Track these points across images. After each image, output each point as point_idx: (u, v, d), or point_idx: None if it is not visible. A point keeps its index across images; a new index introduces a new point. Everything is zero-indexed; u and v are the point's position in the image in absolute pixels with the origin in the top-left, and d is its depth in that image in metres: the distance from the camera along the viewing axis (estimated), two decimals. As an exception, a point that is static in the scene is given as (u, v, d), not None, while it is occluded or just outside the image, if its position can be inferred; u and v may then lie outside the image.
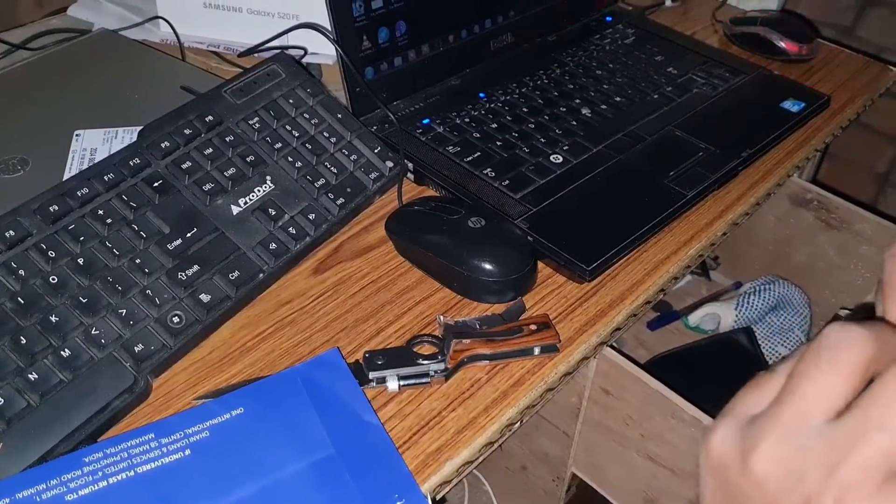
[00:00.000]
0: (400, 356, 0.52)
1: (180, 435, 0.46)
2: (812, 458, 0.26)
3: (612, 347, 0.65)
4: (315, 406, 0.48)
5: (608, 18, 0.90)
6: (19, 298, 0.49)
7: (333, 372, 0.51)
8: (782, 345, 0.94)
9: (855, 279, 0.91)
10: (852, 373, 0.27)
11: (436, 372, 0.51)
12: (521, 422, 0.53)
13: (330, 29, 0.67)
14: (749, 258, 1.01)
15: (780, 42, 0.87)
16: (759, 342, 0.94)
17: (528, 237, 0.60)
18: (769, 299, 0.95)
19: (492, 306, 0.57)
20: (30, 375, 0.47)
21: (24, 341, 0.48)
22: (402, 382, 0.51)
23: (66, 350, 0.49)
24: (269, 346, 0.54)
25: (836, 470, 0.26)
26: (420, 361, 0.51)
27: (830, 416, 0.27)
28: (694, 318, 1.00)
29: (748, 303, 0.96)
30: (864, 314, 0.30)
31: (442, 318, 0.55)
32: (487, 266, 0.56)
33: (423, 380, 0.51)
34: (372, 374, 0.51)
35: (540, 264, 0.60)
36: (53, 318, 0.49)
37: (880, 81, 0.87)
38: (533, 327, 0.54)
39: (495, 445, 0.52)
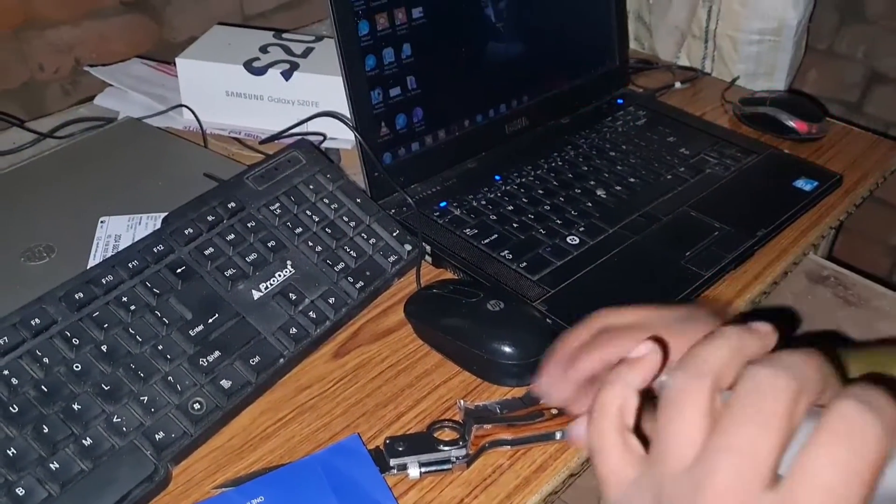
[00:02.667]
0: (421, 442, 0.52)
1: (200, 526, 0.46)
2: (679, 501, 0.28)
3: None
4: (336, 494, 0.48)
5: (620, 101, 0.93)
6: (43, 386, 0.50)
7: (354, 459, 0.50)
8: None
9: (876, 356, 0.90)
10: (700, 416, 0.28)
11: (457, 458, 0.51)
12: (544, 508, 0.52)
13: (349, 116, 0.69)
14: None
15: (789, 122, 0.88)
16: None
17: (547, 319, 0.60)
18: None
19: (512, 389, 0.57)
20: (51, 465, 0.47)
21: (46, 430, 0.48)
22: (423, 469, 0.50)
23: (87, 439, 0.49)
24: (289, 433, 0.54)
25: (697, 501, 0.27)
26: (441, 447, 0.51)
27: (688, 460, 0.28)
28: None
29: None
30: None
31: (462, 402, 0.55)
32: (507, 349, 0.56)
33: (445, 466, 0.51)
34: (393, 461, 0.50)
35: (559, 346, 0.60)
36: (76, 407, 0.50)
37: (891, 159, 0.88)
38: (554, 411, 0.54)
39: (518, 533, 0.51)
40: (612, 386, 0.31)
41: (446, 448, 0.51)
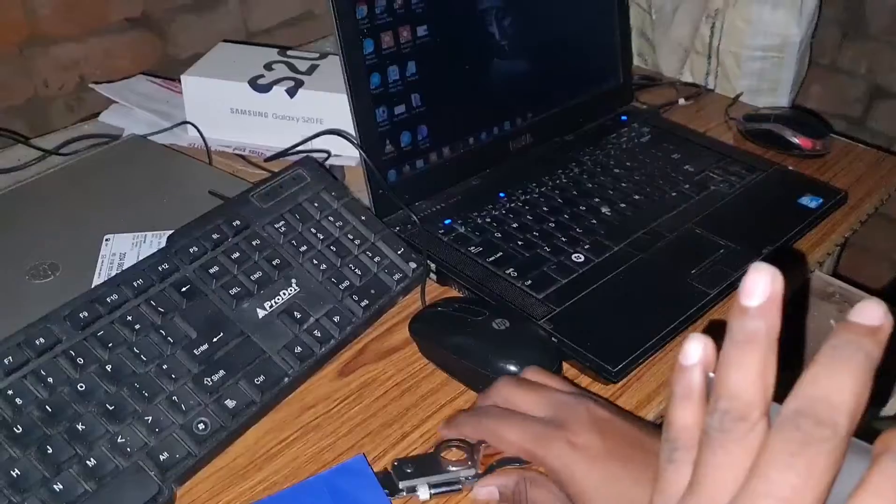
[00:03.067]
0: (429, 463, 0.51)
1: (205, 548, 0.45)
2: None
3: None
4: (341, 516, 0.48)
5: (623, 118, 0.93)
6: (47, 406, 0.50)
7: (360, 480, 0.50)
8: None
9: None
10: (744, 455, 0.26)
11: (467, 478, 0.50)
12: (551, 530, 0.51)
13: (354, 134, 0.69)
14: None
15: (794, 138, 0.88)
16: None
17: (553, 338, 0.60)
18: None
19: (518, 409, 0.57)
20: (55, 486, 0.47)
21: (50, 451, 0.48)
22: (432, 491, 0.50)
23: (91, 459, 0.48)
24: (293, 452, 0.54)
25: None
26: (450, 468, 0.51)
27: (726, 499, 0.26)
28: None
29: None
30: None
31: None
32: (513, 368, 0.56)
33: (454, 487, 0.50)
34: (402, 484, 0.50)
35: (565, 365, 0.60)
36: (80, 427, 0.49)
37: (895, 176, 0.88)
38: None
39: (525, 555, 0.50)
40: (685, 402, 0.29)
41: (455, 468, 0.51)
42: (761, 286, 0.28)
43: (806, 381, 0.26)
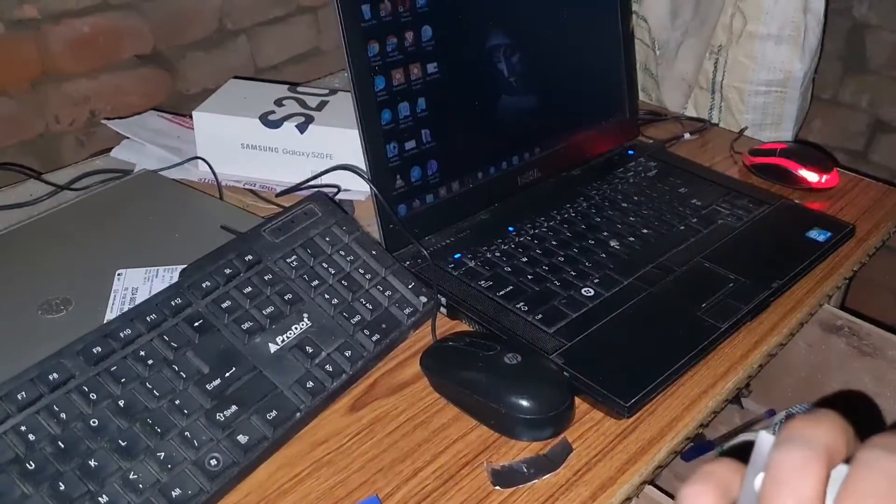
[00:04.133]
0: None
1: (218, 586, 0.45)
2: None
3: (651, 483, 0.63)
4: (355, 554, 0.47)
5: (630, 152, 0.93)
6: (60, 442, 0.49)
7: (373, 517, 0.50)
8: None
9: (892, 406, 0.89)
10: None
11: None
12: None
13: (365, 170, 0.70)
14: (782, 386, 0.99)
15: (800, 172, 0.89)
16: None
17: (565, 373, 0.60)
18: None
19: (535, 445, 0.56)
20: (67, 523, 0.46)
21: (62, 488, 0.48)
22: None
23: (103, 496, 0.48)
24: (305, 489, 0.54)
25: None
26: None
27: None
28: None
29: (784, 431, 0.94)
30: None
31: (488, 464, 0.54)
32: (525, 403, 0.56)
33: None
34: None
35: (577, 400, 0.60)
36: (92, 463, 0.49)
37: (902, 209, 0.88)
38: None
39: None
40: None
41: None
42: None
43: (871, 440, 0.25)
